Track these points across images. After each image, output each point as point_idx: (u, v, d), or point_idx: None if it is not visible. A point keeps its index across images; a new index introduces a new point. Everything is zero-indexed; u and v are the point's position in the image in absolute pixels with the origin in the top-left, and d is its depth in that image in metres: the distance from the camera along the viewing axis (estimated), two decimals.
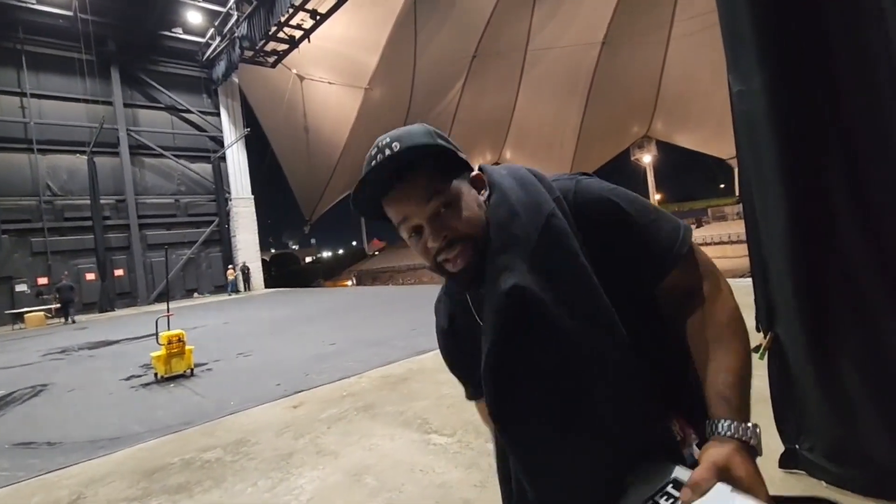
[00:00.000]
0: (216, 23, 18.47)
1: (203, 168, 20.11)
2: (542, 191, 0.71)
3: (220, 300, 16.91)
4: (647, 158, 35.54)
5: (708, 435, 0.62)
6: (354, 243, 60.08)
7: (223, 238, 20.20)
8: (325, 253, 62.90)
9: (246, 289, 19.64)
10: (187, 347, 5.04)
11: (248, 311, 11.94)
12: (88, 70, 17.16)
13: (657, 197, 37.98)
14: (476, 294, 0.76)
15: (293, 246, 73.31)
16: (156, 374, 4.95)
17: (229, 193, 20.36)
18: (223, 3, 17.91)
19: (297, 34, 17.52)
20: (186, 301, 17.90)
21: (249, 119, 22.08)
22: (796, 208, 1.62)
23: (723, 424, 0.61)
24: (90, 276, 17.13)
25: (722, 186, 38.95)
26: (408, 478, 2.19)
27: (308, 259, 48.86)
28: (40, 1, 16.33)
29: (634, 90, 29.64)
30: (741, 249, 22.93)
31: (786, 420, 1.83)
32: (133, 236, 18.08)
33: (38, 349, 8.50)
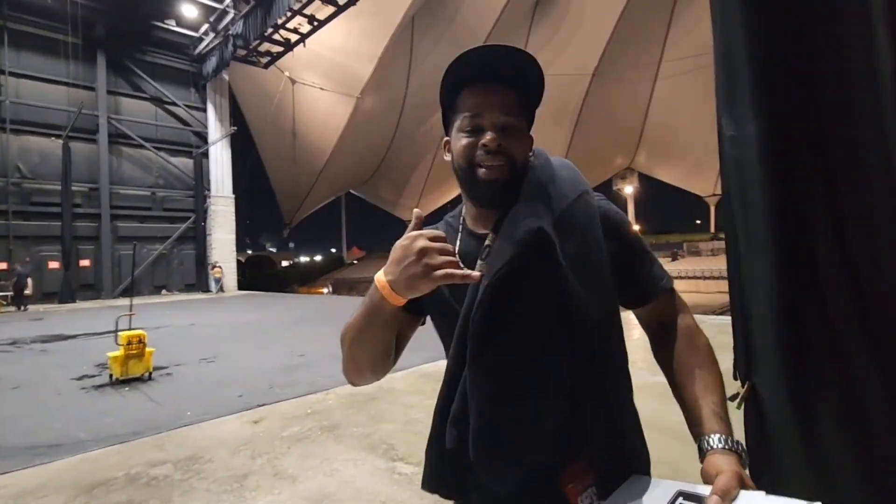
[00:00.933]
0: (211, 18, 18.22)
1: (184, 163, 19.60)
2: (581, 175, 0.82)
3: (190, 299, 16.37)
4: (629, 189, 36.37)
5: (705, 448, 0.66)
6: (333, 250, 59.41)
7: (198, 236, 19.63)
8: (303, 258, 61.89)
9: (218, 290, 19.09)
10: (147, 349, 4.80)
11: (218, 314, 11.56)
12: (73, 53, 16.68)
13: (637, 227, 38.78)
14: (471, 235, 0.80)
15: (270, 248, 72.01)
16: (111, 376, 4.70)
17: (209, 191, 19.90)
18: (220, 0, 17.76)
19: (293, 38, 17.42)
20: (154, 298, 17.27)
21: (236, 118, 21.73)
22: (783, 259, 1.62)
23: (722, 438, 0.66)
24: (53, 265, 16.39)
25: (698, 222, 40.07)
26: None
27: (285, 263, 47.92)
28: None
29: (621, 122, 30.43)
30: (714, 285, 23.47)
31: (761, 473, 1.80)
32: (104, 227, 17.42)
33: None
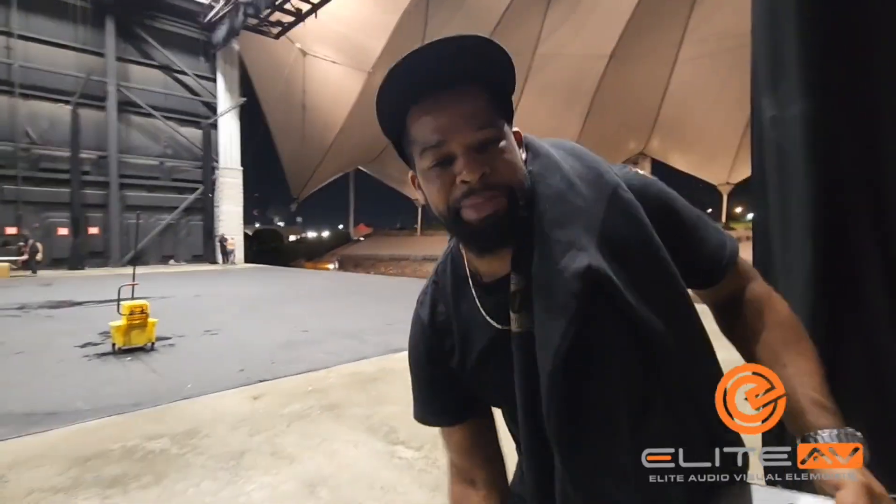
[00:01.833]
0: None
1: (192, 133, 19.47)
2: (602, 162, 0.63)
3: (197, 270, 16.44)
4: None
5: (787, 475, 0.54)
6: (341, 226, 59.48)
7: (206, 207, 19.65)
8: (311, 233, 62.03)
9: (225, 262, 19.17)
10: (150, 320, 4.77)
11: (223, 286, 11.59)
12: (82, 17, 16.45)
13: None
14: (485, 287, 0.65)
15: (278, 222, 72.36)
16: (113, 345, 4.68)
17: (217, 162, 19.80)
18: None
19: (305, 7, 17.06)
20: (161, 267, 17.38)
21: (246, 89, 21.46)
22: (821, 249, 1.49)
23: (834, 434, 0.52)
24: (62, 231, 16.49)
25: (709, 211, 39.48)
26: (366, 495, 2.01)
27: (292, 237, 48.04)
28: None
29: (635, 106, 29.68)
30: None
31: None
32: (112, 195, 17.46)
33: None
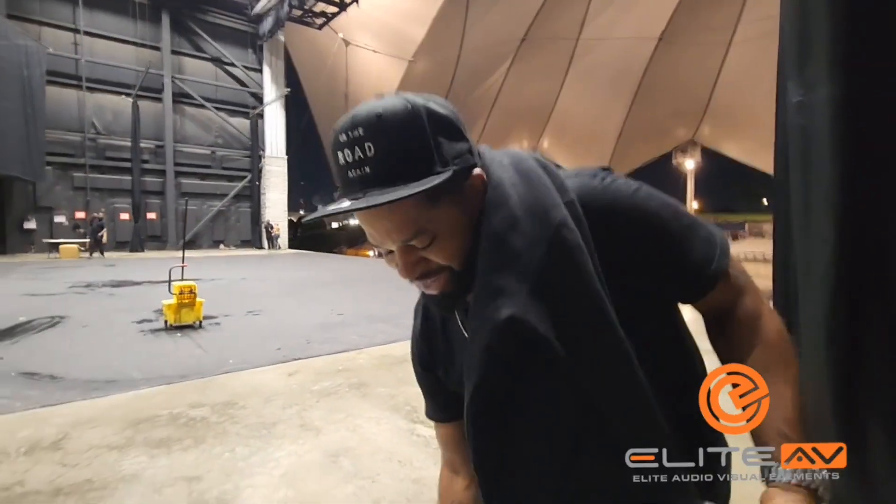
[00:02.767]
0: None
1: (241, 123, 20.33)
2: (552, 191, 0.57)
3: (243, 254, 17.28)
4: (690, 164, 34.16)
5: (766, 476, 0.53)
6: None
7: (254, 195, 20.53)
8: (352, 221, 63.33)
9: (270, 247, 19.99)
10: (198, 300, 5.11)
11: (267, 270, 12.13)
12: (140, 13, 17.38)
13: (695, 205, 36.71)
14: (466, 307, 0.64)
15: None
16: (166, 322, 5.05)
17: (263, 151, 20.58)
18: None
19: None
20: (212, 251, 18.38)
21: (291, 79, 22.11)
22: (846, 244, 1.44)
23: (788, 471, 0.51)
24: (124, 216, 17.71)
25: (764, 202, 37.31)
26: (385, 467, 2.13)
27: (335, 225, 49.32)
28: None
29: (686, 92, 28.27)
30: None
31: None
32: (168, 182, 18.54)
33: (66, 281, 8.84)
